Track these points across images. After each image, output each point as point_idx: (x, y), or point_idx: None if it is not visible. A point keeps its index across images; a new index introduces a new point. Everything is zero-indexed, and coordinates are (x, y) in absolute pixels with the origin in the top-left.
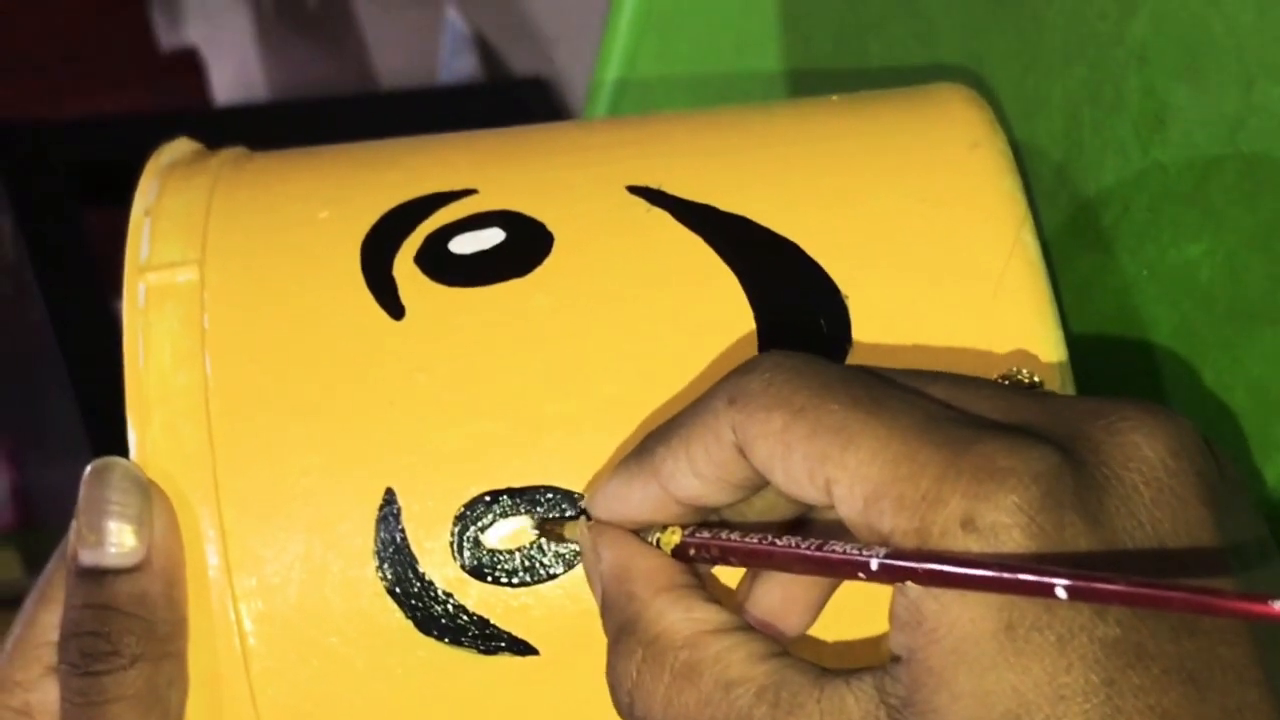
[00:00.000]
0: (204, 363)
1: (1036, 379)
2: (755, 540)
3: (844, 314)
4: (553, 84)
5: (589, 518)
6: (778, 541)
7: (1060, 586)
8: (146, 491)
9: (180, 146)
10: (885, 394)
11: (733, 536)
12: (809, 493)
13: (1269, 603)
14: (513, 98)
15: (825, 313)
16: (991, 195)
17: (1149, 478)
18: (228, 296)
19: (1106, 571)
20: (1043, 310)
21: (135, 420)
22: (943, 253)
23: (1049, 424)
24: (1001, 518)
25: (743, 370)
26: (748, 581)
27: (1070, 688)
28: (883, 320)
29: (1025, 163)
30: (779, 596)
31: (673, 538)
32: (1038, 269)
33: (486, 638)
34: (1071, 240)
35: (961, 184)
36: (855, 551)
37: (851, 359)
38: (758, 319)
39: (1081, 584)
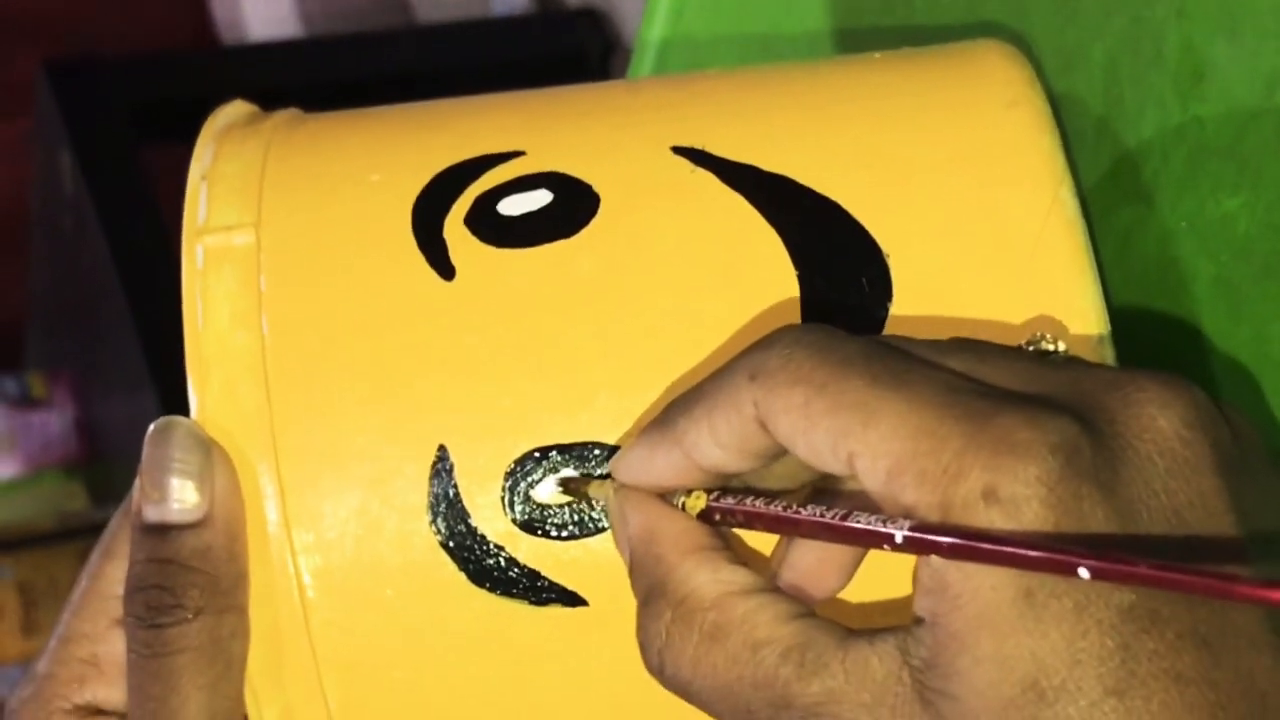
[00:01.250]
0: (261, 323)
1: (1061, 345)
2: (780, 508)
3: (885, 273)
4: (605, 16)
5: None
6: (802, 510)
7: (1084, 567)
8: (207, 449)
9: (235, 109)
10: (905, 368)
11: (757, 503)
12: (832, 465)
13: None
14: (564, 30)
15: (867, 272)
16: (1030, 154)
17: (1163, 448)
18: (283, 258)
19: (1124, 545)
20: (1081, 269)
21: (195, 380)
22: (982, 211)
23: (1067, 395)
24: (1021, 489)
25: (762, 345)
26: (783, 544)
27: (1086, 652)
28: (923, 280)
29: (1066, 115)
30: (814, 559)
31: (698, 502)
32: (1076, 228)
33: (537, 590)
34: (1112, 192)
35: (1000, 142)
36: (880, 523)
37: (892, 318)
38: (801, 279)
39: (1104, 565)
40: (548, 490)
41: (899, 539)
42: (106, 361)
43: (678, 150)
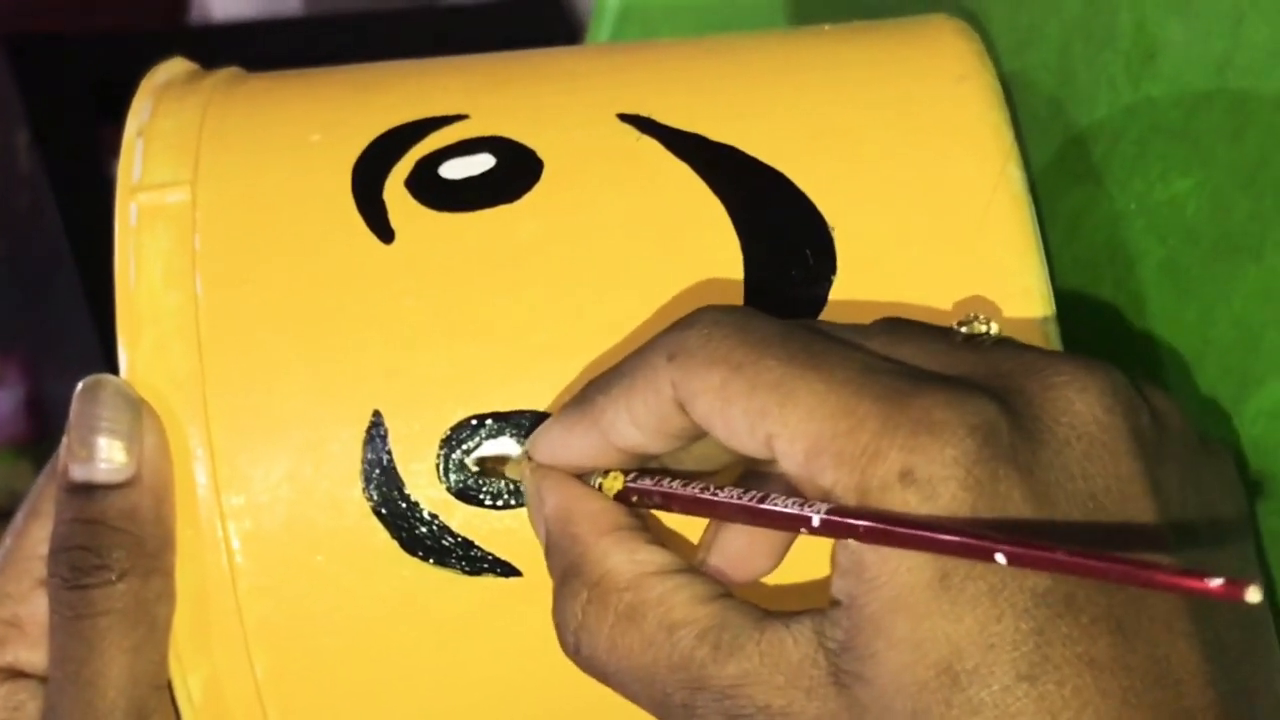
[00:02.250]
0: (195, 283)
1: (993, 326)
2: (698, 489)
3: (830, 246)
4: (568, 3)
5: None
6: (720, 492)
7: (1000, 553)
8: (137, 409)
9: (174, 66)
10: (823, 348)
11: (674, 485)
12: (750, 447)
13: (1206, 580)
14: (529, 15)
15: (811, 245)
16: (978, 128)
17: (1081, 432)
18: (219, 217)
19: (1041, 528)
20: (1025, 244)
21: (126, 339)
22: (928, 186)
23: (987, 377)
24: (938, 470)
25: (681, 325)
26: (712, 526)
27: (1000, 636)
28: (867, 253)
29: (1019, 94)
30: (743, 541)
31: (615, 483)
32: (1022, 203)
33: (471, 559)
34: (1062, 172)
35: (948, 116)
36: (797, 506)
37: (836, 291)
38: (744, 250)
39: (1021, 551)
40: (483, 458)
41: (816, 522)
42: (58, 340)
43: (624, 117)
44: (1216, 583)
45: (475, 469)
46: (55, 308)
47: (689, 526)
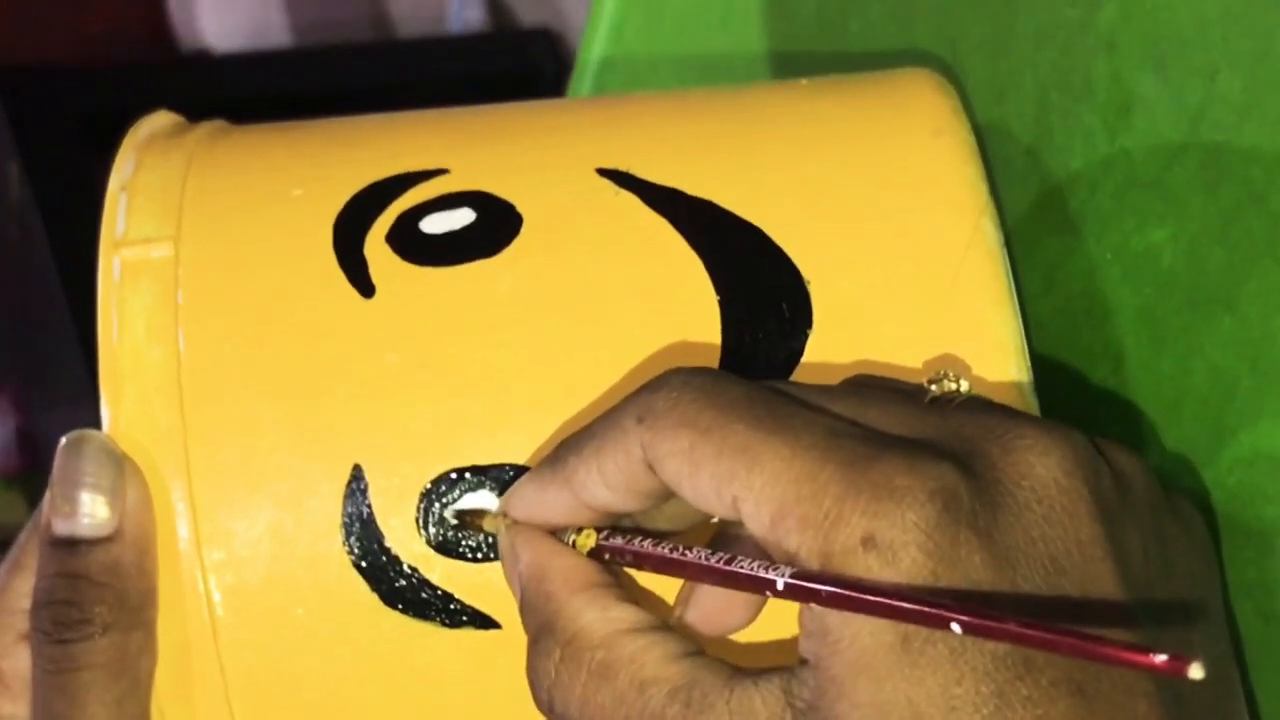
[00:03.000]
0: (177, 338)
1: (964, 384)
2: (668, 549)
3: (806, 300)
4: (559, 35)
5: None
6: (689, 553)
7: (956, 623)
8: (119, 464)
9: (158, 119)
10: (788, 412)
11: (646, 544)
12: (717, 508)
13: (1150, 655)
14: (518, 49)
15: (788, 299)
16: (953, 183)
17: (1040, 495)
18: (202, 273)
19: (999, 596)
20: (1000, 299)
21: (108, 394)
22: (904, 240)
23: (949, 440)
24: (899, 535)
25: (651, 387)
26: (688, 583)
27: (961, 699)
28: (843, 307)
29: (996, 146)
30: (719, 597)
31: (588, 541)
32: (997, 258)
33: (451, 612)
34: (1039, 223)
35: (924, 171)
36: (763, 570)
37: (812, 345)
38: (721, 304)
39: (975, 621)
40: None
41: (780, 586)
42: (49, 372)
43: (602, 172)
44: (1160, 658)
45: (454, 522)
46: (46, 340)
47: (664, 582)
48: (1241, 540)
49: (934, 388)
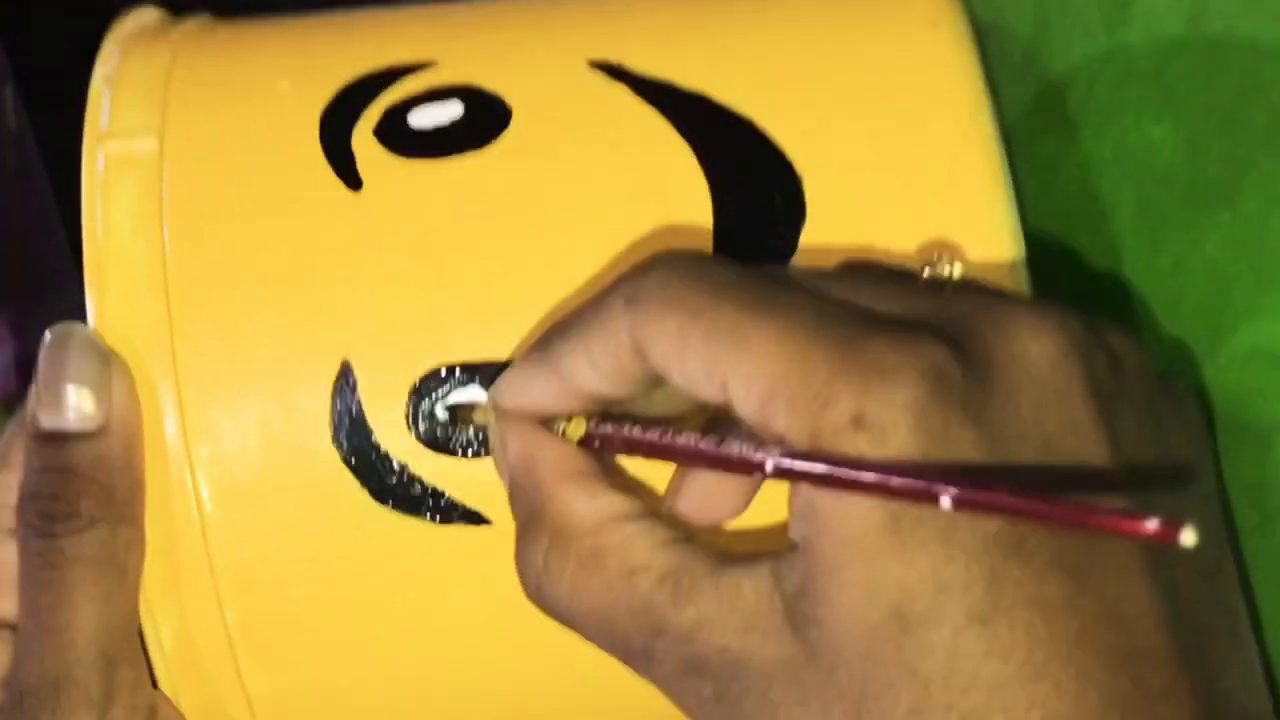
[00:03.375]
0: (162, 232)
1: (957, 267)
2: (658, 434)
3: (799, 193)
4: None
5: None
6: (679, 437)
7: (945, 496)
8: (105, 358)
9: (143, 15)
10: (779, 294)
11: (635, 430)
12: (706, 392)
13: (1142, 521)
14: None
15: (780, 192)
16: (949, 75)
17: (1034, 375)
18: (187, 167)
19: (991, 473)
20: (996, 191)
21: (93, 289)
22: (899, 133)
23: (942, 320)
24: (890, 415)
25: (639, 271)
26: (679, 472)
27: (951, 579)
28: (836, 200)
29: (995, 42)
30: (708, 486)
31: (578, 429)
32: (993, 149)
33: (441, 508)
34: (1037, 119)
35: (920, 63)
36: (752, 451)
37: (805, 239)
38: (714, 197)
39: (965, 494)
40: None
41: (769, 467)
42: (48, 299)
43: (593, 65)
44: (1152, 524)
45: (445, 417)
46: (44, 266)
47: (655, 472)
48: (1239, 438)
49: (928, 271)
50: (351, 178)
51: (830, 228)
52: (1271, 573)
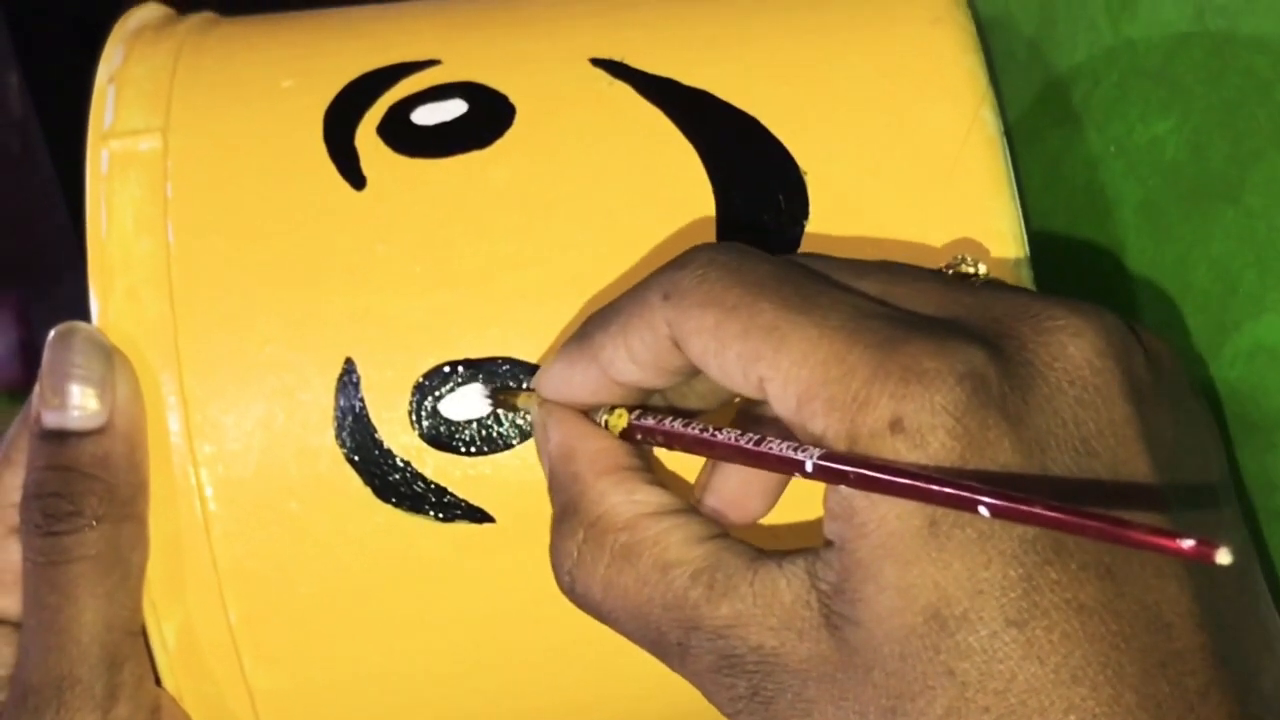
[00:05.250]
0: (166, 230)
1: (982, 267)
2: (698, 429)
3: (803, 191)
4: None
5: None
6: (719, 433)
7: (983, 505)
8: (109, 356)
9: (147, 11)
10: (816, 292)
11: (676, 424)
12: (743, 388)
13: (1178, 540)
14: None
15: (784, 189)
16: (952, 72)
17: (1073, 377)
18: (191, 165)
19: (1028, 479)
20: (999, 188)
21: (97, 287)
22: (902, 130)
23: (979, 321)
24: (927, 419)
25: (677, 265)
26: (708, 467)
27: (989, 582)
28: (840, 198)
29: (999, 37)
30: (738, 483)
31: (620, 420)
32: (996, 147)
33: (444, 505)
34: (1041, 115)
35: (923, 60)
36: (792, 450)
37: (808, 235)
38: (717, 195)
39: (1003, 504)
40: (456, 405)
41: (809, 467)
42: (52, 285)
43: (596, 62)
44: (1189, 543)
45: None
46: (49, 252)
47: (694, 468)
48: (1244, 434)
49: (951, 272)
50: (355, 175)
51: (834, 224)
52: (1276, 569)
